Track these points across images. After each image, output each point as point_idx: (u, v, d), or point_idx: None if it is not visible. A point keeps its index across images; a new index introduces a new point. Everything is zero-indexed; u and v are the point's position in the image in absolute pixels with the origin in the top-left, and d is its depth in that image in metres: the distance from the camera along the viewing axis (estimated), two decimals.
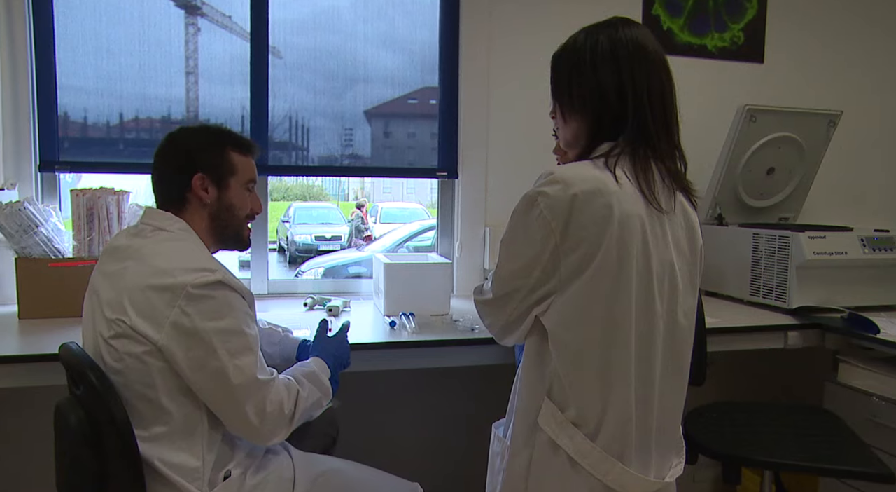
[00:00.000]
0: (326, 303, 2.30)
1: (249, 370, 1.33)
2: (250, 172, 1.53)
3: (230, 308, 1.33)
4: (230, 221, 1.49)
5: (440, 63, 2.61)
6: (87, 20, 2.33)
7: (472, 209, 2.64)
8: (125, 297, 1.31)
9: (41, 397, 2.16)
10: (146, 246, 1.38)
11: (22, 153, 2.29)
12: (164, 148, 1.49)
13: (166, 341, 1.28)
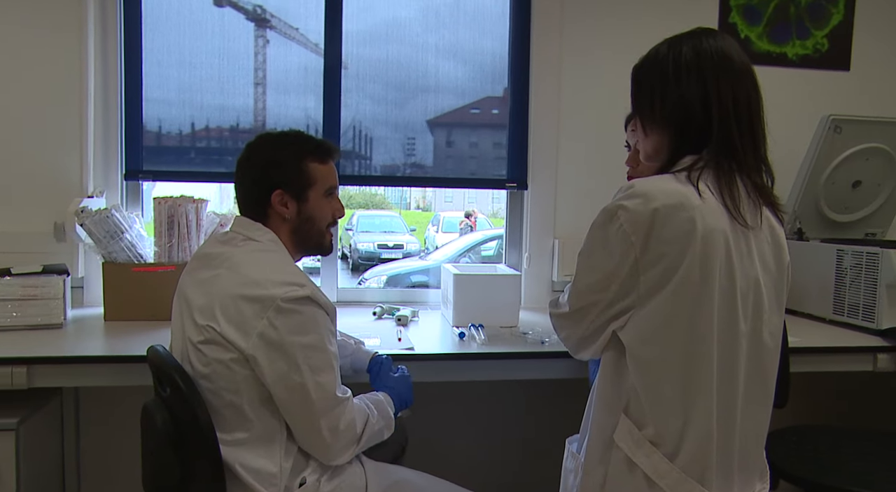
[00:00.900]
0: (395, 312, 2.32)
1: (329, 388, 1.36)
2: (330, 179, 1.54)
3: (315, 324, 1.36)
4: (311, 232, 1.52)
5: (510, 73, 2.61)
6: (170, 34, 2.44)
7: (541, 221, 2.62)
8: (216, 304, 1.35)
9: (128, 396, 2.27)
10: (237, 255, 1.41)
11: (109, 163, 2.40)
12: (242, 161, 1.51)
13: (253, 351, 1.32)
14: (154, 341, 1.87)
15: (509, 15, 2.60)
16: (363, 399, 1.52)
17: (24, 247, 2.30)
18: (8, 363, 1.73)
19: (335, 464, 1.44)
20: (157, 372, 1.44)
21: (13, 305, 2.04)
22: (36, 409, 1.92)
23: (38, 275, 2.11)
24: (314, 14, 2.50)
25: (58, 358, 1.77)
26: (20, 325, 2.02)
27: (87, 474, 2.37)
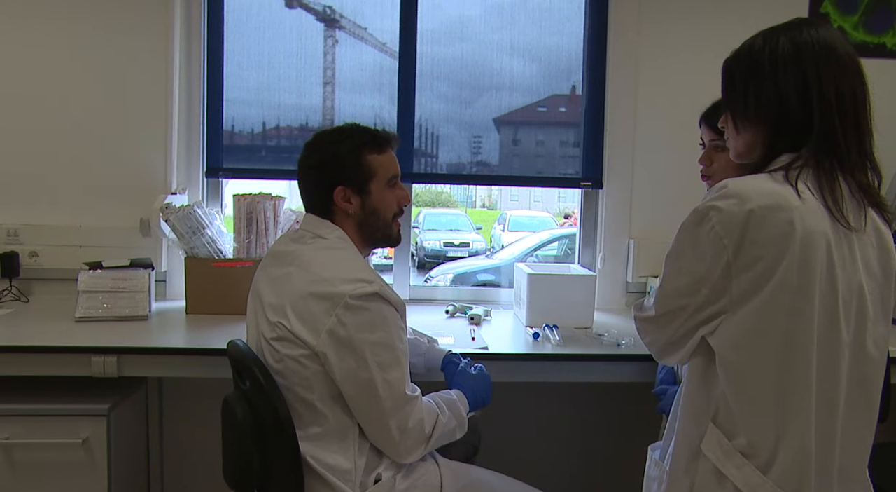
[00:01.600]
0: (468, 311, 2.31)
1: (397, 385, 1.36)
2: (391, 168, 1.52)
3: (384, 321, 1.36)
4: (377, 224, 1.51)
5: (585, 70, 2.56)
6: (247, 36, 2.49)
7: (616, 220, 2.56)
8: (287, 302, 1.37)
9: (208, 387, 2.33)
10: (307, 253, 1.43)
11: (192, 160, 2.48)
12: (303, 160, 1.52)
13: (323, 348, 1.33)
14: (232, 335, 1.92)
15: (584, 12, 2.55)
16: (435, 398, 1.51)
17: (112, 241, 2.41)
18: (100, 352, 1.81)
19: (405, 462, 1.43)
20: (237, 366, 1.47)
21: (104, 296, 2.13)
22: (124, 396, 2.00)
23: (126, 268, 2.20)
24: (382, 13, 2.52)
25: (146, 349, 1.85)
26: (110, 316, 2.11)
27: (169, 461, 2.46)
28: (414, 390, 1.41)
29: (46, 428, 1.86)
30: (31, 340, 1.85)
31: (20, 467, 1.86)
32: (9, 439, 1.84)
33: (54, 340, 1.86)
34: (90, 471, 1.89)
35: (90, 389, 1.94)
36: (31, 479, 1.87)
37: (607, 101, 2.53)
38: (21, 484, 1.87)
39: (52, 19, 2.39)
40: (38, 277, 2.43)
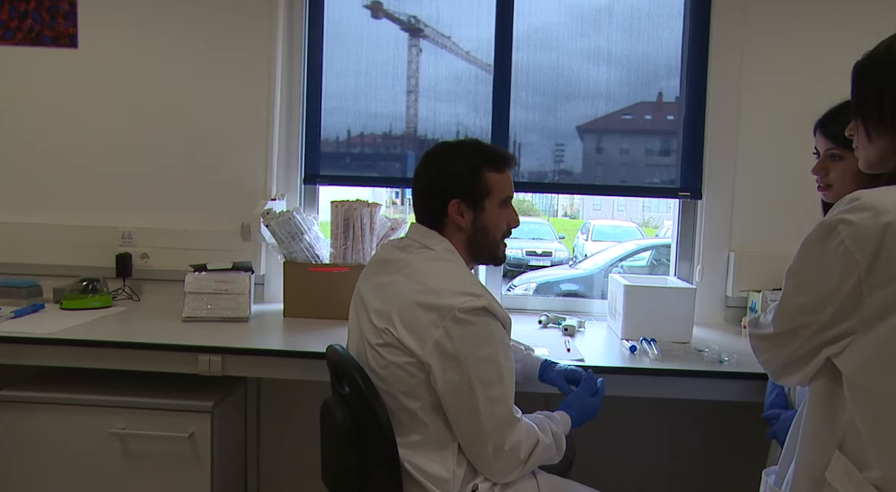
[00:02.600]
0: (562, 322, 2.27)
1: (499, 405, 1.35)
2: (506, 189, 1.52)
3: (490, 337, 1.35)
4: (485, 242, 1.51)
5: (686, 77, 2.48)
6: (338, 47, 2.56)
7: (715, 232, 2.46)
8: (394, 309, 1.38)
9: (304, 389, 2.40)
10: (415, 262, 1.44)
11: (290, 168, 2.56)
12: (420, 170, 1.53)
13: (427, 358, 1.33)
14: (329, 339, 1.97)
15: (683, 18, 2.47)
16: (538, 419, 1.48)
17: (215, 245, 2.52)
18: (207, 352, 1.89)
19: (497, 481, 1.41)
20: (336, 370, 1.49)
21: (208, 298, 2.22)
22: (226, 395, 2.08)
23: (228, 271, 2.28)
24: (467, 22, 2.54)
25: (248, 350, 1.91)
26: (213, 317, 2.19)
27: (265, 459, 2.53)
28: (516, 412, 1.40)
29: (156, 421, 1.95)
30: (143, 338, 1.95)
31: (133, 456, 1.96)
32: (125, 429, 1.95)
33: (164, 338, 1.96)
34: (195, 464, 1.97)
35: (194, 386, 2.02)
36: (141, 468, 1.97)
37: (708, 109, 2.45)
38: (133, 472, 1.97)
39: (164, 37, 2.53)
40: (148, 278, 2.57)
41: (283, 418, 2.51)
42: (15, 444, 1.97)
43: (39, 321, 2.12)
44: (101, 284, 2.39)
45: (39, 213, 2.59)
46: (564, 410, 1.56)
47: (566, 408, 1.57)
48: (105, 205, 2.59)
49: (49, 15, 2.52)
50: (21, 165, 2.60)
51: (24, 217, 2.59)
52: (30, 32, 2.54)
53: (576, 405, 1.58)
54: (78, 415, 1.96)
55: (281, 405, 2.50)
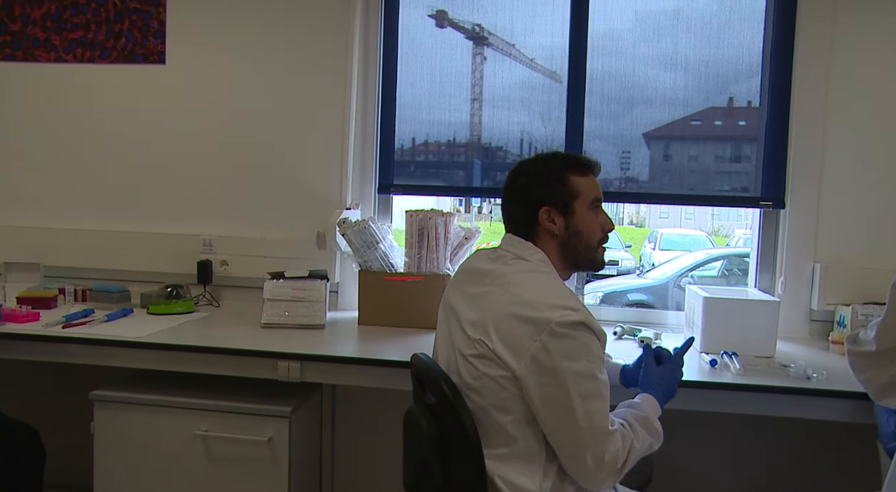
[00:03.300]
0: (637, 333, 2.23)
1: (597, 417, 1.33)
2: (594, 191, 1.52)
3: (587, 351, 1.33)
4: (580, 247, 1.50)
5: (769, 82, 2.40)
6: (414, 55, 2.60)
7: (799, 243, 2.37)
8: (489, 321, 1.38)
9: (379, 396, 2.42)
10: (509, 274, 1.43)
11: (365, 177, 2.60)
12: (507, 184, 1.54)
13: (523, 372, 1.33)
14: (404, 347, 2.00)
15: (765, 21, 2.40)
16: (626, 416, 1.46)
17: (290, 253, 2.58)
18: (286, 358, 1.94)
19: (596, 491, 1.40)
20: (421, 379, 1.50)
21: (285, 305, 2.28)
22: (303, 401, 2.12)
23: (305, 279, 2.34)
24: (532, 30, 2.53)
25: (326, 357, 1.95)
26: (291, 324, 2.25)
27: (339, 465, 2.57)
28: (613, 423, 1.38)
29: (237, 425, 2.01)
30: (225, 343, 2.02)
31: (215, 458, 2.03)
32: (207, 432, 2.01)
33: (245, 343, 2.02)
34: (273, 468, 2.02)
35: (272, 391, 2.07)
36: (223, 469, 2.03)
37: (792, 115, 2.36)
38: (215, 473, 2.03)
39: (244, 52, 2.63)
40: (227, 284, 2.65)
41: (356, 424, 2.54)
42: (109, 441, 2.07)
43: (129, 325, 2.22)
44: (185, 291, 2.49)
45: (128, 221, 2.72)
46: (643, 391, 1.54)
47: (644, 389, 1.55)
48: (187, 214, 2.70)
49: (141, 34, 2.65)
50: (113, 177, 2.73)
51: (115, 225, 2.72)
52: (123, 51, 2.67)
53: (649, 382, 1.56)
54: (165, 416, 2.04)
55: (355, 412, 2.54)
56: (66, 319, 2.18)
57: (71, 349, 2.07)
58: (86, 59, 2.70)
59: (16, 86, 2.75)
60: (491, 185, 2.65)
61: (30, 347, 2.09)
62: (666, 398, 1.55)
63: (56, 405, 2.49)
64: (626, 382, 1.71)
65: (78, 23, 2.68)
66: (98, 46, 2.68)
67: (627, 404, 1.52)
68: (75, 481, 2.43)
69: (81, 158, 2.75)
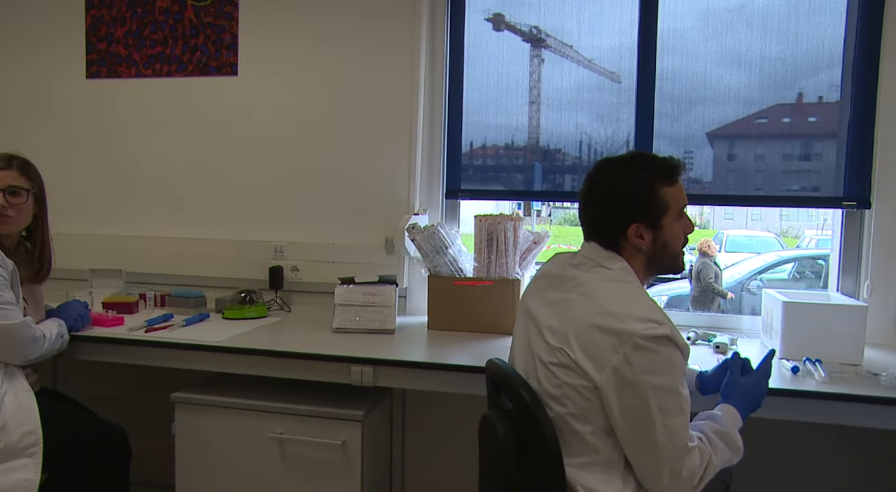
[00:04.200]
0: (712, 339, 2.17)
1: (677, 433, 1.31)
2: (681, 199, 1.48)
3: (670, 365, 1.31)
4: (665, 257, 1.47)
5: (852, 74, 2.30)
6: (472, 59, 2.61)
7: (888, 245, 2.27)
8: (570, 329, 1.36)
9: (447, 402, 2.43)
10: (591, 282, 1.41)
11: (433, 183, 2.62)
12: (590, 192, 1.48)
13: (604, 384, 1.31)
14: (474, 353, 2.00)
15: (846, 11, 2.30)
16: (705, 429, 1.42)
17: (359, 258, 2.62)
18: (359, 362, 1.96)
19: None
20: (498, 384, 1.50)
21: (356, 310, 2.31)
22: (375, 405, 2.14)
23: (375, 284, 2.37)
24: (590, 31, 2.50)
25: (400, 362, 1.97)
26: (361, 328, 2.28)
27: (409, 469, 2.59)
28: (692, 440, 1.35)
29: (311, 428, 2.05)
30: (299, 348, 2.06)
31: (290, 460, 2.07)
32: (282, 434, 2.06)
33: (318, 348, 2.05)
34: (346, 471, 2.04)
35: (343, 395, 2.10)
36: (297, 471, 2.07)
37: (879, 111, 2.26)
38: (290, 475, 2.08)
39: (313, 63, 2.68)
40: (298, 290, 2.71)
41: (426, 429, 2.55)
42: (189, 441, 2.14)
43: (206, 329, 2.29)
44: (258, 296, 2.55)
45: (203, 229, 2.81)
46: (725, 402, 1.50)
47: (726, 399, 1.51)
48: (259, 221, 2.77)
49: (214, 47, 2.74)
50: (189, 186, 2.83)
51: (191, 233, 2.81)
52: (198, 64, 2.76)
53: (732, 392, 1.51)
54: (241, 418, 2.10)
55: (424, 416, 2.55)
56: (147, 323, 2.27)
57: (153, 353, 2.15)
58: (164, 73, 2.81)
59: (101, 101, 2.88)
60: (550, 188, 2.63)
61: (116, 349, 2.18)
62: (749, 410, 1.51)
63: (140, 406, 2.59)
64: (702, 389, 1.67)
65: (157, 39, 2.79)
66: (175, 61, 2.79)
67: (707, 415, 1.49)
68: (158, 480, 2.52)
69: (159, 168, 2.85)
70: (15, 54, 2.95)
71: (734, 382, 1.53)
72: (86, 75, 2.89)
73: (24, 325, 1.93)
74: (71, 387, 2.36)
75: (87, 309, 2.29)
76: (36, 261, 2.12)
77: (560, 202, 9.53)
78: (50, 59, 2.92)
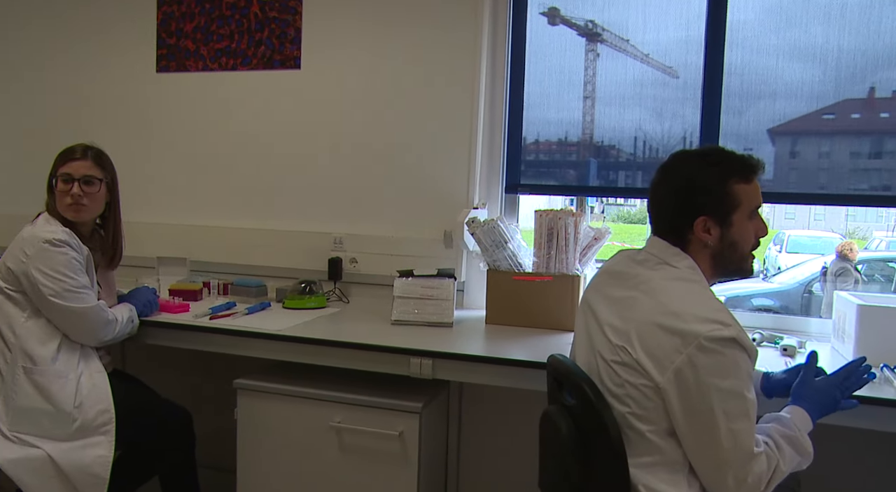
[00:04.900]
0: (779, 341, 2.11)
1: (742, 438, 1.28)
2: (755, 199, 1.43)
3: (736, 369, 1.28)
4: (733, 257, 1.43)
5: None
6: (536, 55, 2.58)
7: None
8: (632, 328, 1.34)
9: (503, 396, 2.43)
10: (655, 280, 1.39)
11: (493, 177, 2.61)
12: (661, 183, 1.46)
13: (666, 385, 1.29)
14: (532, 348, 2.00)
15: None
16: (772, 432, 1.38)
17: (417, 251, 2.63)
18: (418, 355, 1.97)
19: None
20: (560, 380, 1.49)
21: (414, 302, 2.32)
22: (433, 397, 2.15)
23: (433, 277, 2.38)
24: (645, 25, 2.45)
25: (459, 355, 1.97)
26: (420, 321, 2.29)
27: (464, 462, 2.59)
28: (758, 445, 1.32)
29: (369, 418, 2.07)
30: (359, 338, 2.08)
31: (348, 449, 2.10)
32: (340, 423, 2.09)
33: (378, 339, 2.07)
34: (403, 462, 2.06)
35: (401, 387, 2.11)
36: (355, 461, 2.10)
37: None
38: (348, 464, 2.10)
39: (374, 55, 2.70)
40: (356, 281, 2.74)
41: (482, 422, 2.55)
42: (250, 426, 2.19)
43: (267, 318, 2.34)
44: (317, 287, 2.59)
45: (264, 219, 2.87)
46: (795, 404, 1.45)
47: (796, 400, 1.46)
48: (319, 212, 2.81)
49: (279, 41, 2.79)
50: (252, 177, 2.89)
51: (253, 223, 2.88)
52: (263, 58, 2.82)
53: (804, 394, 1.46)
54: (301, 406, 2.13)
55: (481, 410, 2.55)
56: (212, 311, 2.33)
57: (218, 339, 2.21)
58: (229, 67, 2.87)
59: (170, 95, 2.97)
60: (604, 184, 2.58)
61: (182, 335, 2.24)
62: (821, 413, 1.46)
63: (203, 391, 2.66)
64: (768, 391, 1.62)
65: (223, 34, 2.86)
66: (240, 54, 2.85)
67: (775, 417, 1.44)
68: (219, 463, 2.59)
69: (224, 160, 2.92)
70: (91, 52, 3.07)
71: (807, 382, 1.48)
72: (156, 69, 2.98)
73: (98, 308, 2.01)
74: (137, 370, 2.44)
75: (156, 295, 2.37)
76: (109, 247, 2.20)
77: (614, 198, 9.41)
78: (123, 55, 3.02)
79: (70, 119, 3.08)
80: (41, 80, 3.15)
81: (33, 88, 3.16)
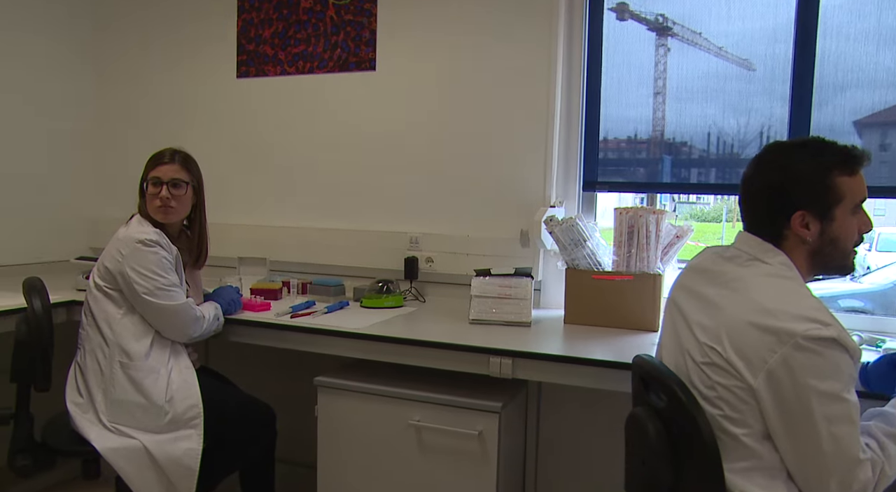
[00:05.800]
0: (881, 344, 2.00)
1: (845, 442, 1.21)
2: (859, 193, 1.35)
3: (837, 370, 1.20)
4: (833, 254, 1.35)
5: None
6: (605, 51, 2.52)
7: None
8: (722, 327, 1.29)
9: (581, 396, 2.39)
10: (746, 277, 1.33)
11: (570, 175, 2.57)
12: (756, 175, 1.39)
13: (760, 386, 1.23)
14: (612, 348, 1.96)
15: None
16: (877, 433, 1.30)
17: (494, 251, 2.61)
18: (498, 354, 1.96)
19: None
20: (647, 380, 1.44)
21: (492, 301, 2.31)
22: (511, 397, 2.13)
23: (511, 276, 2.35)
24: (718, 16, 2.35)
25: (539, 354, 1.94)
26: (498, 320, 2.27)
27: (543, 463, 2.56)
28: (865, 451, 1.24)
29: (448, 417, 2.07)
30: (437, 337, 2.08)
31: (427, 448, 2.10)
32: (420, 422, 2.09)
33: (457, 338, 2.06)
34: (483, 462, 2.04)
35: (479, 386, 2.10)
36: (434, 459, 2.10)
37: None
38: (427, 462, 2.10)
39: (449, 52, 2.70)
40: (432, 280, 2.74)
41: (561, 423, 2.51)
42: (330, 423, 2.22)
43: (346, 317, 2.37)
44: (394, 286, 2.61)
45: (342, 220, 2.91)
46: None
47: None
48: (396, 212, 2.83)
49: (354, 44, 2.83)
50: (329, 178, 2.94)
51: (330, 223, 2.92)
52: (339, 60, 2.87)
53: None
54: (381, 404, 2.15)
55: (559, 411, 2.51)
56: (292, 309, 2.38)
57: (299, 338, 2.25)
58: (306, 70, 2.93)
59: (250, 99, 3.06)
60: (676, 180, 2.50)
61: (264, 333, 2.30)
62: None
63: (284, 388, 2.72)
64: (867, 383, 1.53)
65: (300, 38, 2.92)
66: (317, 58, 2.90)
67: (878, 412, 1.35)
68: (299, 459, 2.64)
69: (302, 162, 2.99)
70: (174, 60, 3.19)
71: None
72: (236, 75, 3.07)
73: (187, 305, 2.08)
74: (219, 367, 2.51)
75: (240, 294, 2.43)
76: (195, 248, 2.28)
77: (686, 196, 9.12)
78: (205, 63, 3.13)
79: (161, 125, 3.22)
80: (137, 92, 3.29)
81: (129, 99, 3.31)
